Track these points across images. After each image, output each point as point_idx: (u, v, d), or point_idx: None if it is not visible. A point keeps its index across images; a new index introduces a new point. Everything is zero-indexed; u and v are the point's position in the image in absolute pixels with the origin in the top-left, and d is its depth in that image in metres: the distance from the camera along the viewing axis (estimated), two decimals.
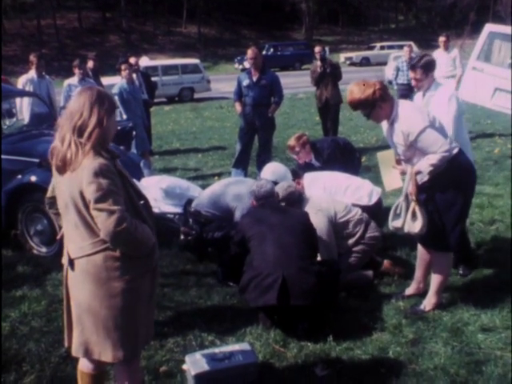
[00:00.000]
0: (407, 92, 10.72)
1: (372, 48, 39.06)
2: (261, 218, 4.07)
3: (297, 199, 4.56)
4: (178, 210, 5.38)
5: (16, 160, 5.37)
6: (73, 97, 2.56)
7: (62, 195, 2.51)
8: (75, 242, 2.51)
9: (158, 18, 48.68)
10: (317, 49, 9.46)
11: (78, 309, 2.56)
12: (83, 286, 2.51)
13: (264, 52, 30.30)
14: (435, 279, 3.97)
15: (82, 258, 2.49)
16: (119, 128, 6.88)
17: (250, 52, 7.03)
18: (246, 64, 31.21)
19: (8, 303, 4.34)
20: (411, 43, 14.08)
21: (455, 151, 3.74)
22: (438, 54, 10.43)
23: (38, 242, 5.35)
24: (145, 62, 22.34)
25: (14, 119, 8.22)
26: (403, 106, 3.75)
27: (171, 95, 21.60)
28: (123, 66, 8.10)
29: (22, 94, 7.55)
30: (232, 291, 4.39)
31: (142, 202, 2.62)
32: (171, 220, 5.38)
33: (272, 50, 36.90)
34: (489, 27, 10.08)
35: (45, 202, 2.90)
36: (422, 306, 4.00)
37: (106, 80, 14.99)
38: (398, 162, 3.89)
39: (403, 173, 3.87)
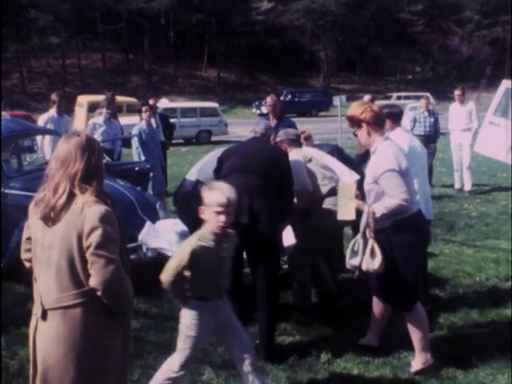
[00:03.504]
0: (423, 144, 10.74)
1: (389, 98, 39.44)
2: (234, 154, 4.28)
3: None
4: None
5: (33, 196, 5.42)
6: (59, 144, 2.48)
7: (42, 242, 2.40)
8: (51, 291, 2.36)
9: (179, 61, 49.79)
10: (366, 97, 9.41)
11: (43, 364, 2.40)
12: (53, 340, 2.36)
13: (282, 98, 30.73)
14: (413, 337, 3.86)
15: (57, 309, 2.35)
16: (137, 169, 6.98)
17: (269, 99, 7.14)
18: (264, 109, 31.71)
19: (17, 340, 4.32)
20: (428, 94, 14.22)
21: (414, 210, 3.74)
22: (454, 108, 10.54)
23: None
24: (164, 103, 22.78)
25: (35, 156, 8.36)
26: (386, 144, 3.78)
27: (189, 137, 21.89)
28: (144, 108, 8.25)
29: (44, 131, 7.69)
30: None
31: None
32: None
33: (290, 96, 37.41)
34: (505, 83, 10.20)
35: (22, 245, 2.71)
36: (411, 366, 3.87)
37: (124, 120, 15.27)
38: (358, 196, 3.86)
39: (358, 208, 3.81)
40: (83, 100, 22.04)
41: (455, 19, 51.58)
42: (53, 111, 8.11)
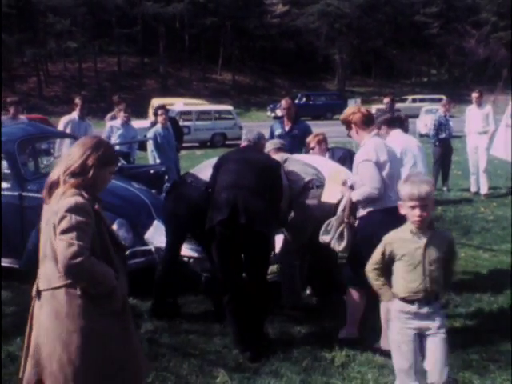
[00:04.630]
0: (446, 147, 10.68)
1: (404, 100, 39.21)
2: (229, 159, 4.44)
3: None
4: (195, 254, 5.35)
5: None
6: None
7: (42, 223, 2.62)
8: (44, 273, 2.59)
9: (194, 65, 50.01)
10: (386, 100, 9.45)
11: (36, 339, 2.59)
12: (44, 319, 2.56)
13: (296, 101, 30.71)
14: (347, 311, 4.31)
15: (47, 290, 2.56)
16: (152, 172, 7.03)
17: (283, 102, 7.15)
18: (278, 112, 31.69)
19: None
20: (444, 97, 14.13)
21: (389, 205, 3.88)
22: (471, 110, 10.45)
23: None
24: (179, 106, 22.88)
25: (51, 159, 8.43)
26: (372, 139, 4.09)
27: (203, 140, 21.96)
28: (159, 111, 8.29)
29: (61, 135, 7.77)
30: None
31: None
32: (185, 264, 5.33)
33: (304, 99, 37.39)
34: None
35: None
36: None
37: (139, 123, 15.37)
38: (344, 183, 4.27)
39: (342, 193, 4.26)
40: (156, 103, 22.50)
41: (471, 21, 51.15)
42: (75, 114, 8.18)
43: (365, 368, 3.93)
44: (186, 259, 5.35)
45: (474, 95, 10.26)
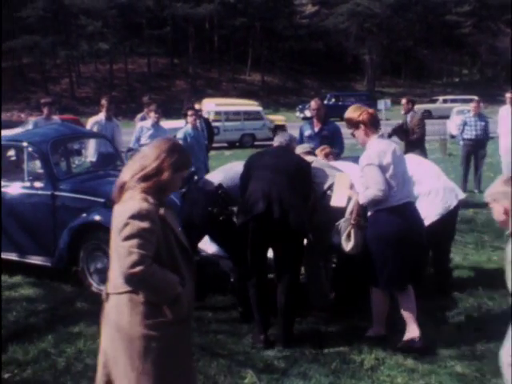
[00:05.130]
0: (472, 148, 10.52)
1: (434, 101, 38.74)
2: (262, 157, 4.54)
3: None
4: (222, 253, 5.35)
5: (82, 199, 5.56)
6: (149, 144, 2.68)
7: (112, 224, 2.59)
8: (112, 277, 2.58)
9: (223, 65, 50.22)
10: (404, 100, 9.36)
11: (103, 342, 2.61)
12: (110, 323, 2.56)
13: (325, 101, 30.56)
14: (374, 311, 4.34)
15: (113, 294, 2.55)
16: None
17: (313, 103, 7.12)
18: (307, 112, 31.52)
19: (65, 338, 4.43)
20: (476, 98, 13.91)
21: (394, 203, 4.04)
22: (504, 111, 10.26)
23: (97, 279, 5.46)
24: (209, 107, 22.97)
25: (83, 159, 8.56)
26: (376, 141, 4.17)
27: (232, 140, 22.03)
28: (189, 112, 8.32)
29: (92, 135, 7.88)
30: (285, 344, 4.32)
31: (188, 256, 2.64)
32: (214, 262, 5.35)
33: (333, 99, 37.18)
34: None
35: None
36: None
37: (169, 124, 15.48)
38: (351, 186, 4.36)
39: (350, 196, 4.33)
40: (207, 103, 23.67)
41: (505, 19, 50.19)
42: (102, 115, 8.28)
43: (394, 372, 3.88)
44: (215, 259, 5.37)
45: (508, 95, 10.09)
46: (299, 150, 5.20)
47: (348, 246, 4.24)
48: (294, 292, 4.32)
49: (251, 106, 25.08)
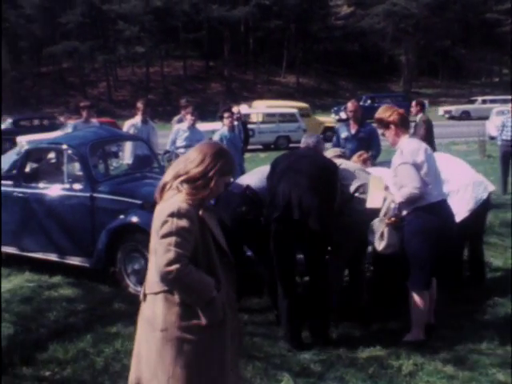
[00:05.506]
0: (510, 149, 10.26)
1: (473, 102, 37.92)
2: (287, 158, 4.57)
3: None
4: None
5: (120, 200, 5.63)
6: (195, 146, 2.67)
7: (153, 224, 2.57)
8: (149, 277, 2.57)
9: (258, 68, 50.30)
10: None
11: (137, 342, 2.61)
12: (145, 323, 2.55)
13: (361, 103, 30.27)
14: (412, 314, 4.28)
15: (150, 294, 2.54)
16: None
17: (350, 105, 7.07)
18: (342, 114, 31.25)
19: (103, 338, 4.49)
20: None
21: (431, 200, 4.08)
22: None
23: (134, 280, 5.52)
24: (244, 109, 23.04)
25: (120, 161, 8.68)
26: (407, 141, 4.24)
27: (267, 143, 22.02)
28: (226, 114, 8.34)
29: (129, 137, 7.97)
30: (320, 347, 4.29)
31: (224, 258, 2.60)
32: (251, 265, 5.32)
33: (369, 101, 36.77)
34: None
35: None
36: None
37: (205, 126, 15.57)
38: (387, 188, 4.39)
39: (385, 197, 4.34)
40: (258, 105, 25.56)
41: None
42: (138, 118, 8.38)
43: (433, 378, 3.81)
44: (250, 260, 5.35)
45: None
46: (330, 153, 5.21)
47: (380, 245, 4.25)
48: (321, 293, 4.34)
49: (301, 108, 24.88)
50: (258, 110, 24.09)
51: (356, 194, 4.63)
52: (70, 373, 3.98)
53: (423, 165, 4.09)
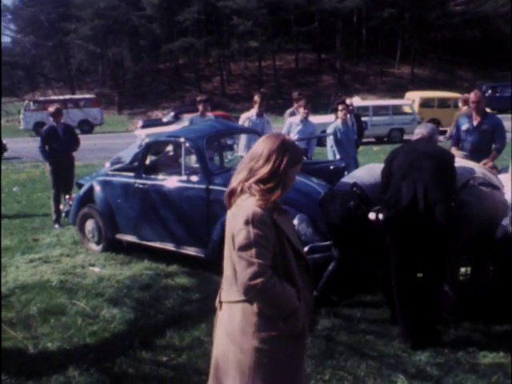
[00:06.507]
0: None
1: None
2: (404, 151, 4.47)
3: None
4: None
5: None
6: (258, 142, 2.49)
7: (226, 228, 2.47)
8: (225, 283, 2.47)
9: (371, 59, 49.20)
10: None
11: (215, 350, 2.53)
12: (221, 332, 2.47)
13: None
14: None
15: (226, 303, 2.45)
16: (332, 167, 7.02)
17: (473, 95, 6.70)
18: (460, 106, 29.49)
19: None
20: None
21: None
22: None
23: None
24: (357, 102, 22.65)
25: (235, 154, 8.84)
26: None
27: (380, 135, 21.50)
28: (340, 107, 8.23)
29: (244, 130, 8.07)
30: (436, 349, 4.09)
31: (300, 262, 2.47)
32: (364, 262, 5.20)
33: (490, 91, 34.71)
34: None
35: None
36: None
37: (317, 119, 15.50)
38: None
39: None
40: (414, 96, 24.71)
41: None
42: (253, 111, 8.48)
43: None
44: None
45: None
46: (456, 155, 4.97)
47: None
48: (437, 291, 4.21)
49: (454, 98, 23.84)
50: (369, 102, 23.56)
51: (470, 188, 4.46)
52: (185, 359, 4.10)
53: None
